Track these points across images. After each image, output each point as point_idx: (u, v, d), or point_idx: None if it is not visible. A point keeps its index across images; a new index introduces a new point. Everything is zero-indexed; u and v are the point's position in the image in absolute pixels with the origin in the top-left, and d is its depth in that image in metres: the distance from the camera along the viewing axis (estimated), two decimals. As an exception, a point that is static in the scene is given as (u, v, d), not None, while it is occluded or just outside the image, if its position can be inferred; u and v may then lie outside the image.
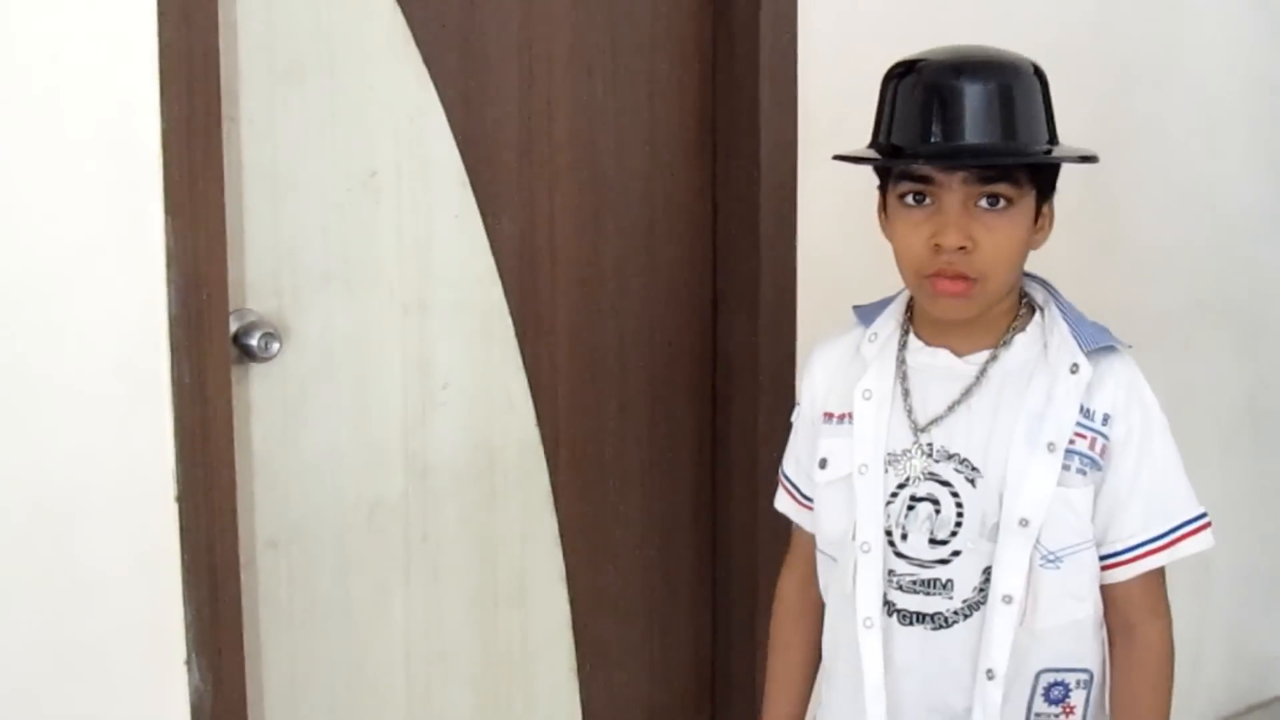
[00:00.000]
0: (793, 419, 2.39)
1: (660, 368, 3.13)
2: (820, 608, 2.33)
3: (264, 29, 2.58)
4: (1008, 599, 2.07)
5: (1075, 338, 2.12)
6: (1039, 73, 2.14)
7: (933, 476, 2.13)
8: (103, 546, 2.37)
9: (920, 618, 2.14)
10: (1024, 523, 2.06)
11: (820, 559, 2.30)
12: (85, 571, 2.36)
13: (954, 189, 2.03)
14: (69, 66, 2.26)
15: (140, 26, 2.31)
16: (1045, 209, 2.13)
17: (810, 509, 2.32)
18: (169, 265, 2.35)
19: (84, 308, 2.30)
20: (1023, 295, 2.19)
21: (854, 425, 2.18)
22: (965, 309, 2.08)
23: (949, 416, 2.14)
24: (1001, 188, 2.03)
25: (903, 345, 2.20)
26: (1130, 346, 2.17)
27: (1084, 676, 2.16)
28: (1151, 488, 2.13)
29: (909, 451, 2.15)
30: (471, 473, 2.91)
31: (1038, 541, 2.07)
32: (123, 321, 2.34)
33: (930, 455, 2.13)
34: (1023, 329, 2.15)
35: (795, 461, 2.38)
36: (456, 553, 2.92)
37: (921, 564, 2.13)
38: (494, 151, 2.87)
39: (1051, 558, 2.08)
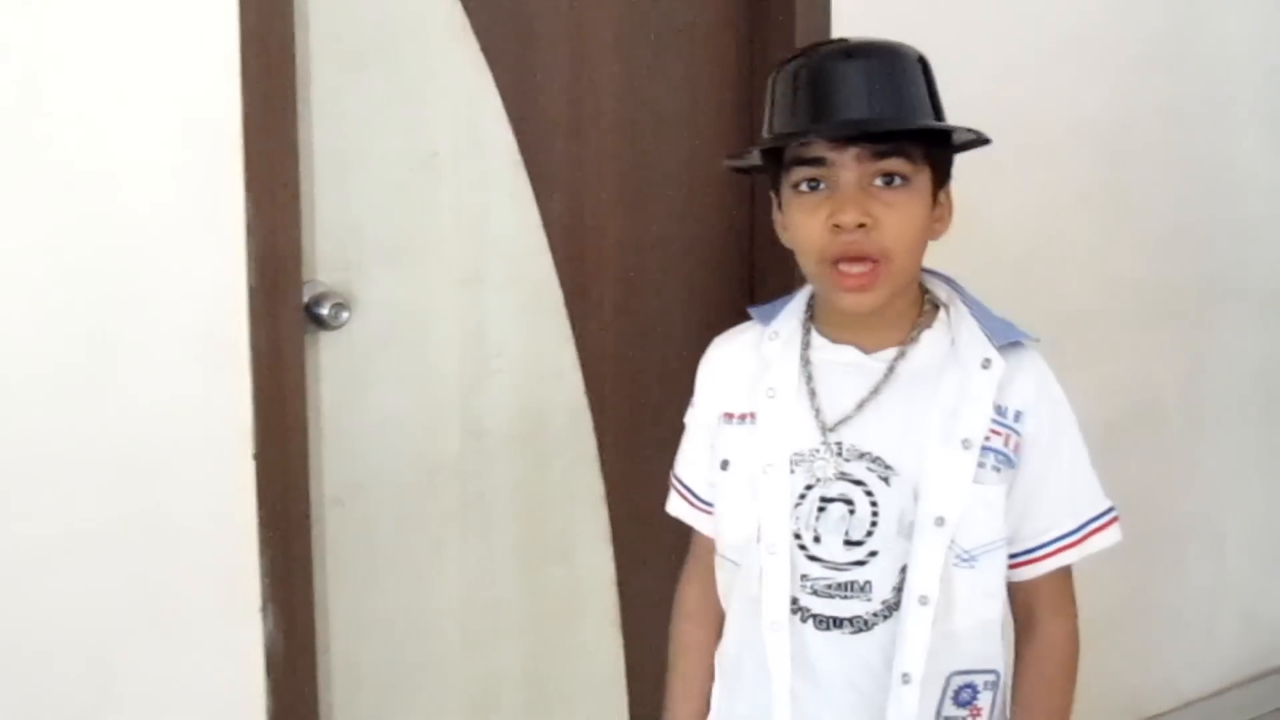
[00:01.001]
0: (686, 419, 2.26)
1: (700, 338, 3.23)
2: (721, 614, 2.21)
3: (332, 18, 2.70)
4: (924, 600, 1.98)
5: (985, 333, 2.03)
6: (922, 60, 2.05)
7: (844, 476, 2.01)
8: (185, 501, 2.50)
9: (838, 622, 2.02)
10: (940, 521, 1.97)
11: (721, 564, 2.18)
12: (168, 524, 2.49)
13: (848, 166, 1.94)
14: (158, 55, 2.40)
15: (222, 17, 2.44)
16: (942, 197, 2.04)
17: (708, 513, 2.21)
18: (248, 239, 2.48)
19: (171, 278, 2.43)
20: (925, 292, 2.10)
21: (757, 425, 2.08)
22: (870, 300, 1.97)
23: (859, 415, 2.02)
24: (896, 163, 1.94)
25: (806, 344, 2.09)
26: (1038, 340, 2.08)
27: (991, 678, 2.06)
28: (1061, 484, 2.06)
29: (817, 451, 2.03)
30: (523, 436, 3.04)
31: (953, 541, 1.98)
32: (205, 291, 2.48)
33: (840, 454, 2.02)
34: (929, 325, 2.05)
35: (689, 464, 2.24)
36: (508, 511, 3.05)
37: (837, 566, 2.02)
38: (545, 132, 2.99)
39: (966, 557, 1.99)
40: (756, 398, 2.08)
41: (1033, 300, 3.58)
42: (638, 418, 3.19)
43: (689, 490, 2.23)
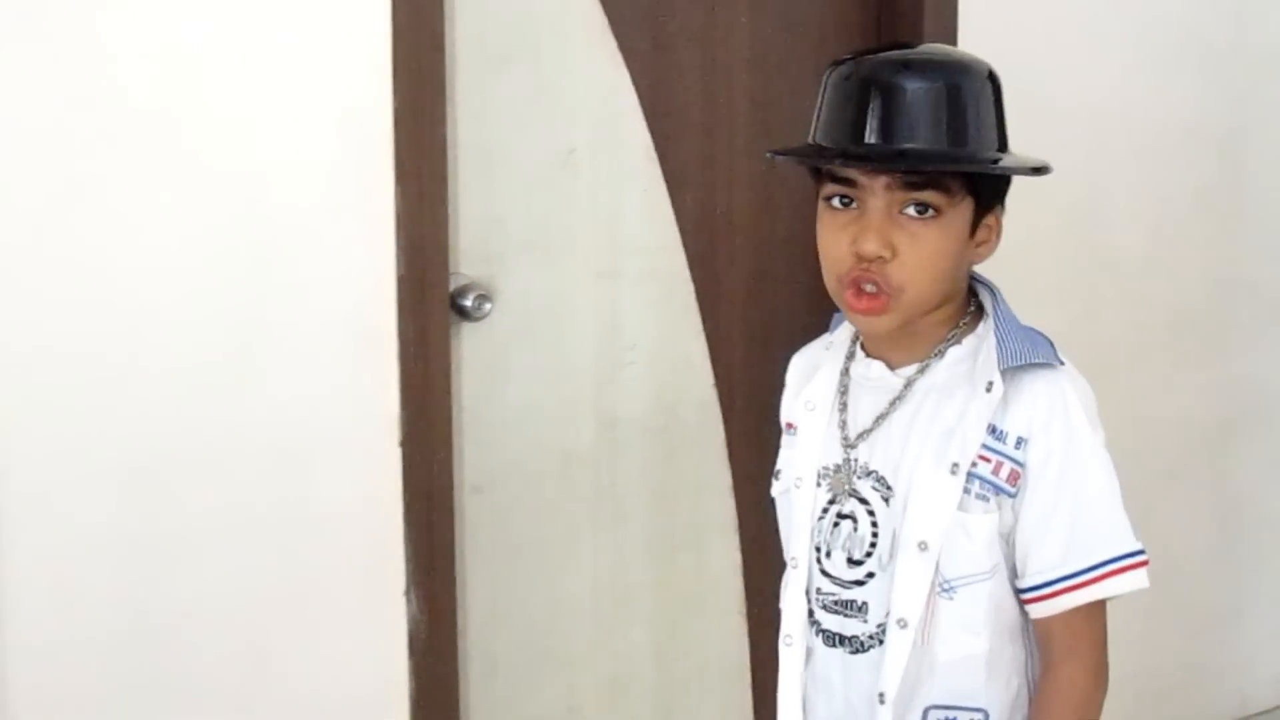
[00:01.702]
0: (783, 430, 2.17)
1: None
2: None
3: (476, 17, 2.72)
4: (902, 623, 1.89)
5: (999, 353, 1.89)
6: (992, 77, 1.90)
7: (854, 494, 1.95)
8: (334, 487, 2.53)
9: (840, 640, 1.97)
10: (922, 546, 1.88)
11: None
12: (318, 510, 2.52)
13: (877, 194, 1.83)
14: (313, 55, 2.44)
15: (374, 17, 2.46)
16: (991, 220, 1.91)
17: None
18: (398, 231, 2.51)
19: (323, 271, 2.47)
20: (973, 296, 1.98)
21: (797, 437, 2.06)
22: (881, 324, 1.88)
23: (873, 431, 1.95)
24: (929, 195, 1.82)
25: (850, 355, 2.02)
26: (1063, 364, 1.91)
27: (977, 717, 1.93)
28: (1073, 519, 1.88)
29: (841, 467, 1.97)
30: (654, 427, 3.05)
31: (936, 567, 1.88)
32: (356, 283, 2.51)
33: (854, 471, 1.96)
34: (959, 341, 1.93)
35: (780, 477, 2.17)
36: (639, 500, 3.06)
37: (841, 584, 1.96)
38: (679, 129, 3.00)
39: (946, 586, 1.89)
40: (798, 410, 2.05)
41: (1148, 300, 3.58)
42: (765, 410, 3.16)
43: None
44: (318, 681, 2.55)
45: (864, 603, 1.93)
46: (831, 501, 1.97)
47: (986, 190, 1.88)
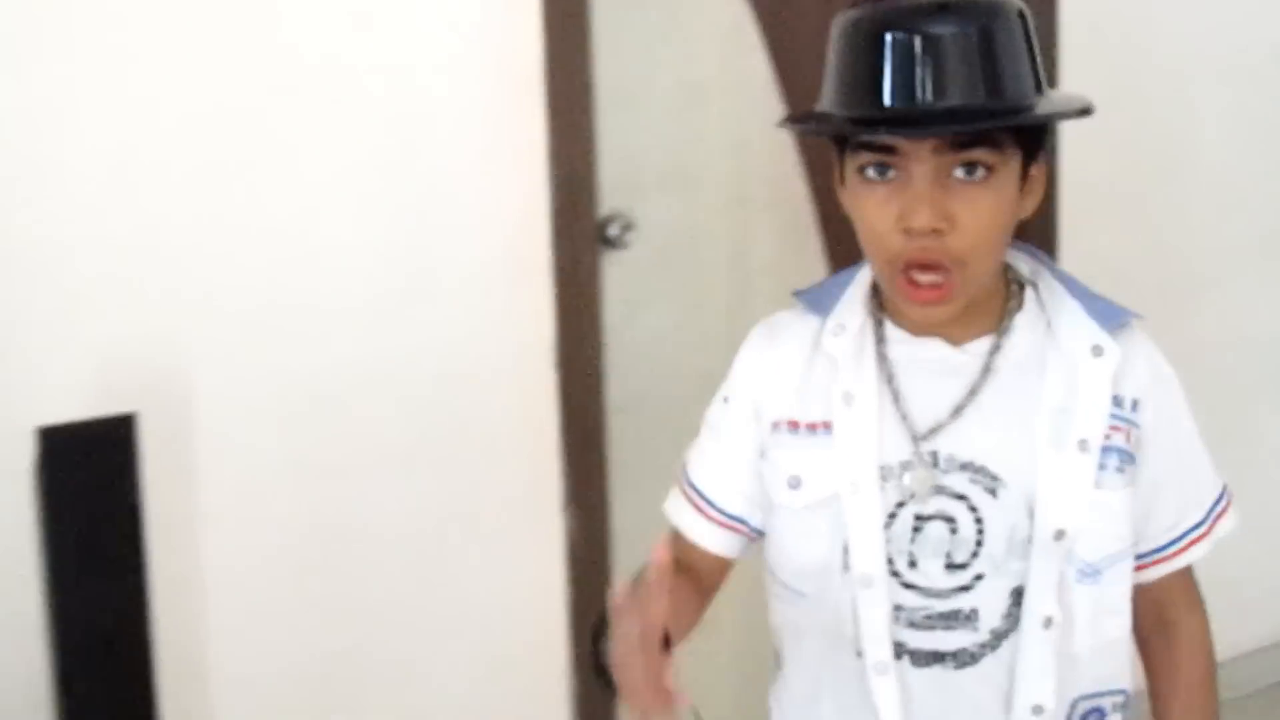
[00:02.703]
0: (710, 417, 1.83)
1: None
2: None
3: (610, -41, 2.78)
4: (1048, 622, 1.67)
5: (1090, 314, 1.70)
6: (1023, 14, 1.62)
7: (943, 490, 1.66)
8: (495, 409, 2.62)
9: (939, 657, 1.69)
10: (1059, 535, 1.65)
11: (780, 595, 1.78)
12: (481, 431, 2.61)
13: (924, 159, 1.55)
14: (471, 3, 2.49)
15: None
16: (1035, 170, 1.64)
17: (729, 529, 1.78)
18: (550, 165, 2.59)
19: (481, 205, 2.55)
20: (1007, 268, 1.73)
21: (834, 436, 1.69)
22: (944, 312, 1.62)
23: (956, 419, 1.67)
24: (981, 154, 1.56)
25: (880, 338, 1.71)
26: (1142, 317, 1.74)
27: (1119, 698, 1.76)
28: (1186, 473, 1.77)
29: (908, 464, 1.67)
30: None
31: (1071, 554, 1.67)
32: (511, 216, 2.58)
33: (936, 466, 1.66)
34: (1020, 308, 1.70)
35: (710, 469, 1.80)
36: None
37: (937, 594, 1.68)
38: (799, 63, 3.04)
39: (1089, 570, 1.68)
40: (830, 404, 1.70)
41: (1236, 217, 3.58)
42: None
43: (704, 499, 1.80)
44: (482, 592, 2.65)
45: (972, 610, 1.67)
46: (900, 504, 1.67)
47: (1035, 139, 1.64)
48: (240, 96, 2.35)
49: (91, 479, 2.15)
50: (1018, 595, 1.66)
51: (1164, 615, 1.80)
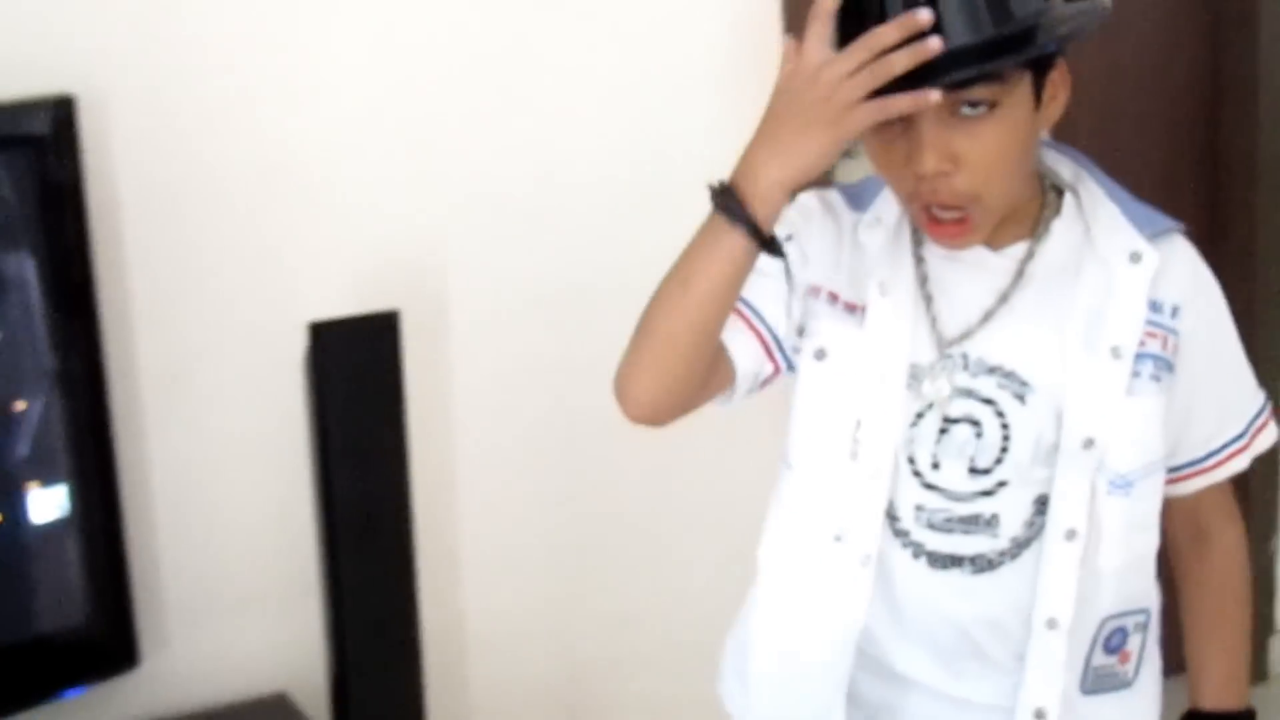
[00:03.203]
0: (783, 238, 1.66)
1: (1163, 166, 3.29)
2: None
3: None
4: (1071, 534, 1.63)
5: (1130, 220, 1.64)
6: None
7: (970, 394, 1.62)
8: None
9: (957, 560, 1.65)
10: (1089, 443, 1.61)
11: (784, 473, 1.75)
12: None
13: None
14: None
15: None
16: (1055, 75, 1.56)
17: (749, 335, 1.66)
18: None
19: (718, 125, 2.59)
20: (1043, 176, 1.68)
21: (866, 323, 1.65)
22: (968, 241, 1.59)
23: (987, 322, 1.63)
24: (981, 92, 1.49)
25: (917, 240, 1.66)
26: (1186, 228, 1.69)
27: (1141, 618, 1.72)
28: (1226, 384, 1.72)
29: (937, 366, 1.62)
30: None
31: (1102, 464, 1.62)
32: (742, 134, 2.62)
33: (966, 369, 1.62)
34: (1058, 213, 1.65)
35: (753, 281, 1.60)
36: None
37: (959, 497, 1.64)
38: None
39: (1121, 483, 1.63)
40: (865, 289, 1.65)
41: None
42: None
43: (751, 309, 1.67)
44: (721, 477, 2.72)
45: (994, 515, 1.63)
46: (929, 405, 1.63)
47: (1043, 54, 1.54)
48: (497, 19, 2.47)
49: (357, 370, 2.26)
50: (1042, 504, 1.63)
51: (1201, 528, 1.76)
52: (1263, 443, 1.72)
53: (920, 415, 1.63)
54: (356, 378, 2.27)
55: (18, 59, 2.15)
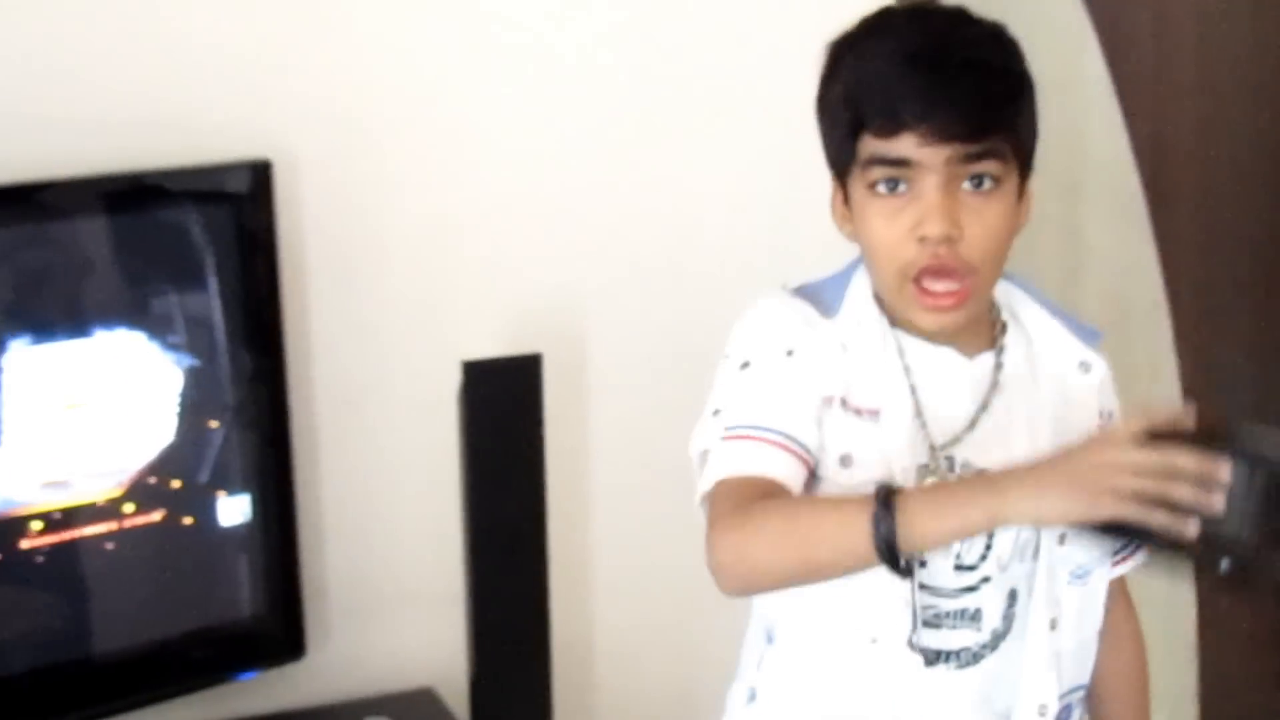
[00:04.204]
0: (764, 367, 1.64)
1: (1274, 244, 3.37)
2: None
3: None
4: (1054, 624, 1.65)
5: (1074, 335, 1.71)
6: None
7: None
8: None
9: (944, 656, 1.64)
10: (1061, 539, 1.63)
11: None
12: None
13: (937, 170, 1.54)
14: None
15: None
16: (1027, 187, 1.65)
17: (791, 456, 1.60)
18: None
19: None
20: None
21: (880, 426, 1.63)
22: (955, 319, 1.59)
23: (972, 429, 1.64)
24: (989, 165, 1.56)
25: (899, 347, 1.65)
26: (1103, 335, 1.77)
27: (1082, 693, 1.74)
28: None
29: (926, 467, 1.62)
30: (1111, 322, 3.23)
31: (1066, 558, 1.66)
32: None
33: (952, 470, 1.63)
34: (1004, 328, 1.69)
35: (777, 408, 1.61)
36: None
37: (945, 594, 1.63)
38: (1133, 68, 3.18)
39: (1080, 573, 1.67)
40: (874, 394, 1.63)
41: None
42: (1213, 311, 3.34)
43: (787, 437, 1.60)
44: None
45: (977, 610, 1.64)
46: None
47: (1029, 154, 1.64)
48: (638, 92, 2.62)
49: (503, 406, 2.39)
50: (1013, 597, 1.65)
51: (1119, 604, 1.79)
52: None
53: None
54: (503, 411, 2.40)
55: (225, 126, 2.34)
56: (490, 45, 2.54)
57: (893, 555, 1.44)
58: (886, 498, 1.44)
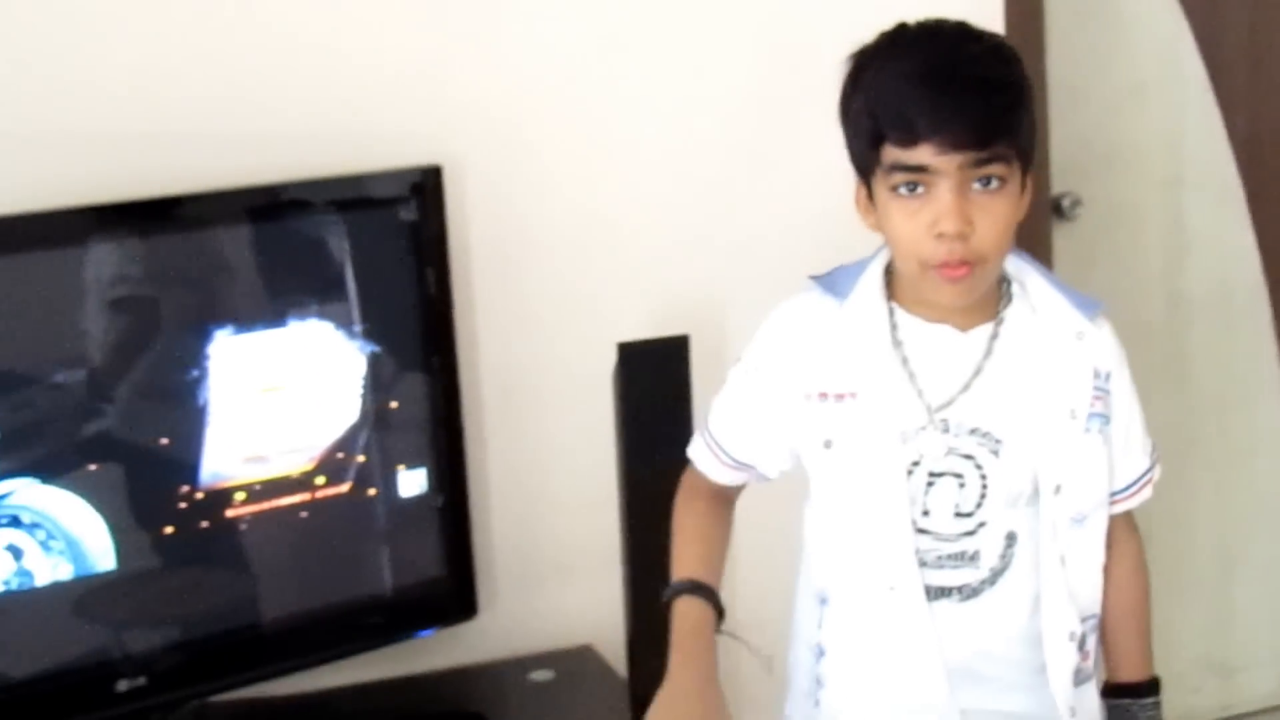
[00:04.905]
0: (733, 379, 1.99)
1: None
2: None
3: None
4: (1063, 560, 1.84)
5: (1075, 306, 1.85)
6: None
7: (953, 451, 1.82)
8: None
9: (946, 591, 1.85)
10: (1058, 489, 1.81)
11: (824, 540, 1.95)
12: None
13: (951, 175, 1.70)
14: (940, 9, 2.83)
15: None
16: (1027, 180, 1.80)
17: (739, 470, 1.99)
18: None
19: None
20: None
21: (859, 403, 1.84)
22: (968, 293, 1.78)
23: (966, 392, 1.82)
24: (997, 168, 1.72)
25: (893, 324, 1.85)
26: (1105, 306, 1.91)
27: (1094, 622, 1.91)
28: (1136, 428, 1.92)
29: (923, 428, 1.82)
30: (1213, 305, 3.39)
31: (1066, 504, 1.83)
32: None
33: (948, 431, 1.82)
34: (1010, 301, 1.85)
35: (728, 424, 1.98)
36: (1203, 366, 3.42)
37: (946, 539, 1.84)
38: (1229, 65, 3.29)
39: (1079, 517, 1.85)
40: (854, 377, 1.84)
41: None
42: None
43: (721, 449, 1.99)
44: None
45: (975, 551, 1.84)
46: (915, 463, 1.82)
47: (1030, 152, 1.79)
48: (780, 82, 2.72)
49: (654, 384, 2.49)
50: (1011, 539, 1.83)
51: (1120, 534, 1.93)
52: (1157, 474, 1.94)
53: (910, 472, 1.82)
54: (654, 388, 2.48)
55: (400, 136, 2.48)
56: (637, 50, 2.67)
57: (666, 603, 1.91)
58: (679, 593, 1.90)
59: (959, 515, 1.83)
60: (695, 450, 2.02)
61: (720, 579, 1.96)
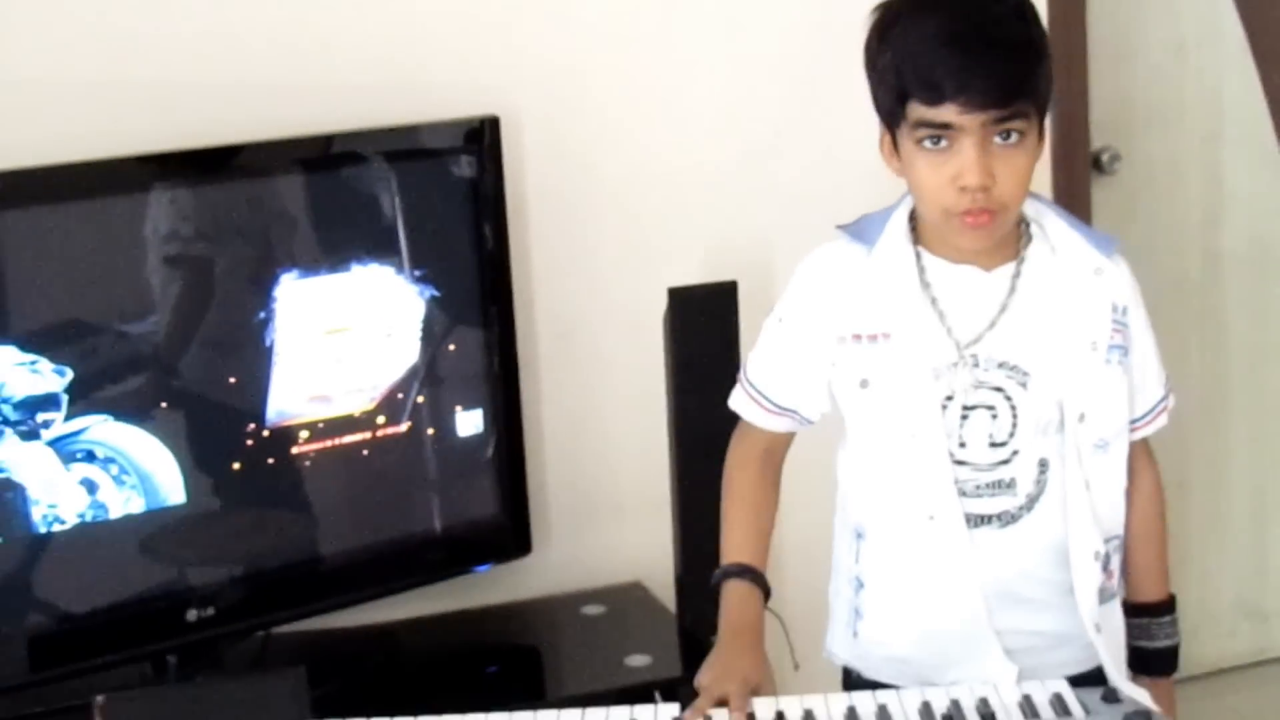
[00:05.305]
0: (766, 332, 2.02)
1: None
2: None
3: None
4: (1087, 484, 1.89)
5: (1091, 244, 1.90)
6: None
7: (983, 385, 1.87)
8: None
9: (986, 519, 1.89)
10: (1082, 417, 1.87)
11: (861, 473, 1.99)
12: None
13: (974, 130, 1.74)
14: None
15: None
16: (1043, 128, 1.84)
17: (782, 416, 2.00)
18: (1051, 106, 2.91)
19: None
20: None
21: (893, 342, 1.88)
22: (989, 238, 1.82)
23: (993, 328, 1.87)
24: (1017, 123, 1.76)
25: (920, 267, 1.90)
26: (1120, 242, 1.95)
27: (1117, 542, 1.97)
28: (1151, 358, 1.95)
29: (955, 364, 1.87)
30: (1249, 259, 3.41)
31: (1089, 431, 1.88)
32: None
33: (978, 366, 1.87)
34: (1030, 240, 1.89)
35: (768, 371, 2.01)
36: (1237, 319, 3.44)
37: (983, 468, 1.89)
38: (1267, 20, 3.27)
39: (1101, 444, 1.90)
40: (886, 318, 1.89)
41: None
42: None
43: (762, 395, 2.01)
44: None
45: (1011, 479, 1.89)
46: (949, 397, 1.87)
47: (1046, 104, 1.82)
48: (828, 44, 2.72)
49: (704, 328, 2.54)
50: (1043, 465, 1.88)
51: (1138, 463, 1.97)
52: (1171, 403, 1.98)
53: (944, 407, 1.87)
54: (703, 332, 2.54)
55: (459, 87, 2.55)
56: (691, 3, 2.74)
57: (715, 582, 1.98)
58: (728, 576, 1.96)
59: (993, 445, 1.88)
60: (738, 401, 2.04)
61: (766, 557, 2.01)
